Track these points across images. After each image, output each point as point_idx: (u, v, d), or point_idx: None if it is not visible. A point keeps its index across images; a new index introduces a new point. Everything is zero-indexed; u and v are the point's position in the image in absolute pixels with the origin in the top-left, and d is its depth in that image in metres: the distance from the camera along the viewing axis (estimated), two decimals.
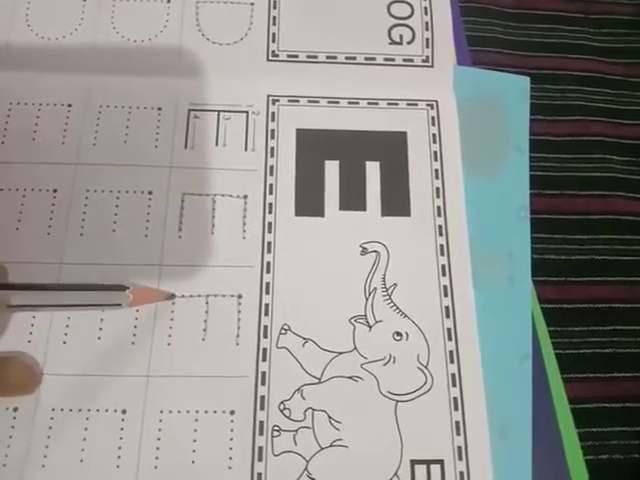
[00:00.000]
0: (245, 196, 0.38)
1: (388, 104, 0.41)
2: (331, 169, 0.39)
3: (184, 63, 0.41)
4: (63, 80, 0.40)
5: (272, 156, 0.39)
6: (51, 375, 0.33)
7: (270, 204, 0.38)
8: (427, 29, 0.43)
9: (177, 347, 0.34)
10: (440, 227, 0.38)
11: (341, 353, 0.35)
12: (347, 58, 0.41)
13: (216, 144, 0.39)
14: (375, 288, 0.36)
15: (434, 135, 0.40)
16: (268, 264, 0.36)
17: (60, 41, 0.40)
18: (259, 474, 0.32)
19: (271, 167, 0.39)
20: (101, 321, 0.34)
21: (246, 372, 0.34)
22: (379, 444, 0.33)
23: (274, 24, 0.42)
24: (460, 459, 0.33)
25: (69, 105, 0.39)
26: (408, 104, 0.41)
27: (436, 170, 0.39)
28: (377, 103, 0.41)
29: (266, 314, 0.35)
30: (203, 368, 0.34)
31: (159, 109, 0.40)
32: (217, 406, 0.33)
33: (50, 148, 0.38)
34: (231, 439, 0.33)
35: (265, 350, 0.34)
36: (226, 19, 0.42)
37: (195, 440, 0.32)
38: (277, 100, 0.40)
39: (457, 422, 0.34)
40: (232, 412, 0.33)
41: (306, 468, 0.32)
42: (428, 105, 0.41)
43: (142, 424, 0.33)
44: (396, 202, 0.38)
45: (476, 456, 0.33)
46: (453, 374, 0.35)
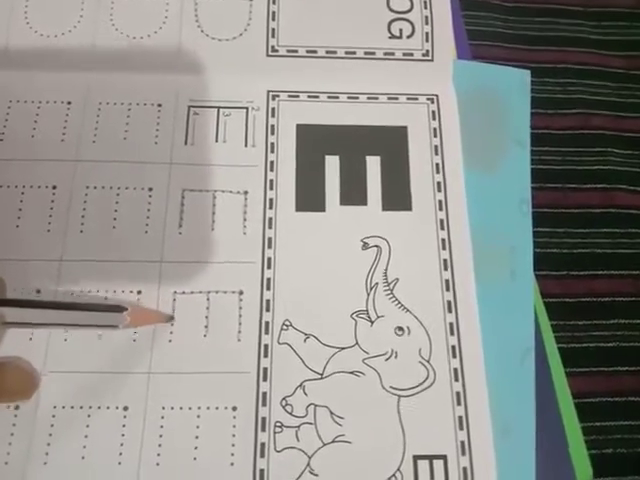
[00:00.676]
0: (245, 192, 0.38)
1: (388, 98, 0.41)
2: (331, 164, 0.39)
3: (183, 59, 0.40)
4: (62, 78, 0.40)
5: (272, 152, 0.39)
6: (52, 372, 0.33)
7: (270, 200, 0.38)
8: (427, 23, 0.42)
9: (178, 344, 0.34)
10: (441, 221, 0.38)
11: (343, 348, 0.35)
12: (347, 53, 0.41)
13: (216, 140, 0.39)
14: (377, 283, 0.36)
15: (434, 129, 0.40)
16: (269, 260, 0.36)
17: (59, 39, 0.40)
18: (261, 470, 0.32)
19: (271, 163, 0.39)
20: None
21: (248, 368, 0.34)
22: (382, 439, 0.33)
23: (273, 19, 0.42)
24: (463, 454, 0.33)
25: (68, 103, 0.39)
26: (408, 98, 0.41)
27: (437, 164, 0.39)
28: (377, 98, 0.41)
29: (267, 310, 0.35)
30: (205, 364, 0.34)
31: (159, 106, 0.39)
32: (219, 402, 0.33)
33: (49, 145, 0.38)
34: (233, 435, 0.33)
35: (267, 346, 0.34)
36: (225, 15, 0.42)
37: (197, 436, 0.32)
38: (277, 96, 0.40)
39: (460, 417, 0.34)
40: (234, 408, 0.33)
41: (308, 464, 0.32)
42: (428, 99, 0.41)
43: (144, 421, 0.33)
44: (397, 196, 0.38)
45: (479, 451, 0.33)
46: (455, 369, 0.35)
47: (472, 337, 0.35)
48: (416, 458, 0.33)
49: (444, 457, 0.33)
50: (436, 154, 0.40)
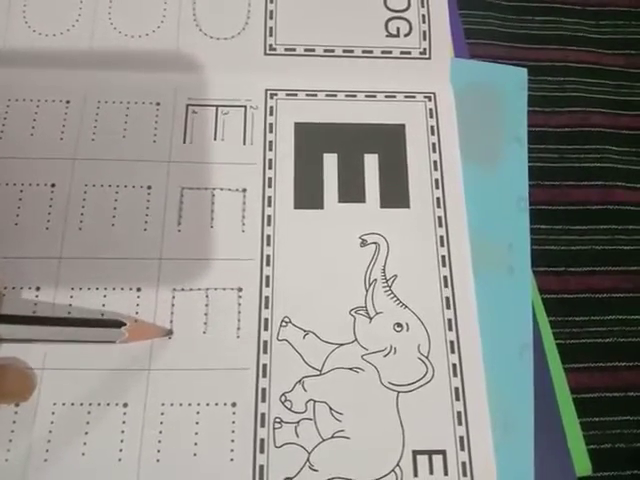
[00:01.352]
0: (244, 190, 0.38)
1: (386, 97, 0.41)
2: (330, 162, 0.39)
3: (182, 58, 0.41)
4: (61, 76, 0.40)
5: (270, 150, 0.39)
6: (52, 370, 0.33)
7: (269, 197, 0.38)
8: (424, 21, 0.43)
9: (178, 340, 0.34)
10: (440, 218, 0.38)
11: (342, 345, 0.35)
12: (344, 51, 0.41)
13: (214, 138, 0.39)
14: (375, 279, 0.36)
15: (432, 127, 0.40)
16: (268, 257, 0.36)
17: (58, 37, 0.40)
18: (261, 466, 0.32)
19: (270, 160, 0.39)
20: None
21: (247, 364, 0.34)
22: (381, 435, 0.33)
23: (271, 18, 0.42)
24: (462, 449, 0.33)
25: (67, 101, 0.39)
26: (406, 96, 0.41)
27: (435, 162, 0.39)
28: (375, 96, 0.41)
29: (266, 307, 0.35)
30: (204, 361, 0.34)
31: (157, 104, 0.40)
32: (218, 399, 0.33)
33: (48, 144, 0.38)
34: (233, 431, 0.33)
35: (266, 342, 0.34)
36: (223, 14, 0.42)
37: (197, 433, 0.32)
38: (275, 94, 0.40)
39: (459, 412, 0.34)
40: (233, 404, 0.33)
41: (308, 459, 0.32)
42: (426, 97, 0.41)
43: (144, 417, 0.33)
44: (395, 194, 0.38)
45: (478, 446, 0.33)
46: (454, 364, 0.35)
47: (470, 333, 0.35)
48: (415, 453, 0.33)
49: (443, 452, 0.33)
50: (434, 152, 0.40)
